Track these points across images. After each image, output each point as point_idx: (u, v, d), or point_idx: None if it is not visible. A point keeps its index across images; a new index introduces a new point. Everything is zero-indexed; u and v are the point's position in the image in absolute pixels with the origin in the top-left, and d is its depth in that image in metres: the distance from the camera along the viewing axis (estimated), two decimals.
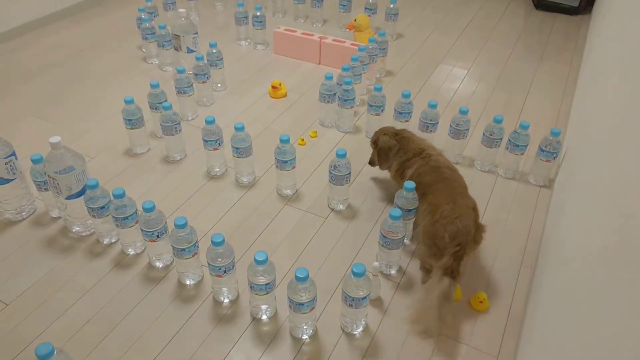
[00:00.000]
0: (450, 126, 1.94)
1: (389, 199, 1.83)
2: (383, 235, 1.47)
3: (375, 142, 1.81)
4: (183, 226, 1.38)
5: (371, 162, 1.87)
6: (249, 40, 2.88)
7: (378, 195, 1.85)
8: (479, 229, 1.44)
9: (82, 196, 1.55)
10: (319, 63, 2.68)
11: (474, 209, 1.47)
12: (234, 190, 1.86)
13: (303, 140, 2.11)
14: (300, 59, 2.71)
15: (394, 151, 1.74)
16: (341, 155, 1.65)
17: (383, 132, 1.80)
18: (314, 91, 2.40)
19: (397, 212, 1.43)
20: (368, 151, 2.04)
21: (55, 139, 1.49)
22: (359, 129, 2.20)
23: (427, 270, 1.50)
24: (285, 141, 1.71)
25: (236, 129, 1.76)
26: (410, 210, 1.56)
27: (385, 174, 1.88)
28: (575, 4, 3.29)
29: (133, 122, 1.93)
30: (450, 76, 2.61)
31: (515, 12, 3.37)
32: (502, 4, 3.48)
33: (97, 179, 1.50)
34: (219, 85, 2.43)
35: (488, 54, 2.82)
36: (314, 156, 2.04)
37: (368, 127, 2.14)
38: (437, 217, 1.42)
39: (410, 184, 1.54)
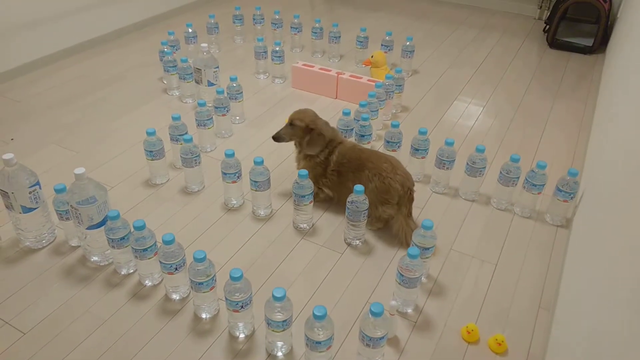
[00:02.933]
0: (467, 164, 1.95)
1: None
2: (400, 274, 1.47)
3: (307, 126, 1.87)
4: (202, 260, 1.39)
5: (278, 138, 1.91)
6: (267, 73, 2.94)
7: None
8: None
9: (103, 226, 1.57)
10: (336, 98, 2.73)
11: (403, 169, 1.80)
12: (251, 223, 1.87)
13: None
14: (317, 93, 2.76)
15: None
16: (359, 192, 1.67)
17: (311, 116, 1.90)
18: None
19: (415, 250, 1.43)
20: None
21: (79, 170, 1.52)
22: None
23: (385, 221, 1.80)
24: (303, 176, 1.73)
25: (255, 162, 1.79)
26: (428, 249, 1.56)
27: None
28: (590, 43, 3.33)
29: (154, 153, 1.96)
30: (465, 112, 2.63)
31: (530, 50, 3.41)
32: (517, 42, 3.53)
33: (117, 208, 1.52)
34: (237, 117, 2.48)
35: (503, 91, 2.85)
36: None
37: None
38: (383, 175, 1.73)
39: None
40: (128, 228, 1.56)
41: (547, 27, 3.65)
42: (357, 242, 1.79)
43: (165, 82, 2.79)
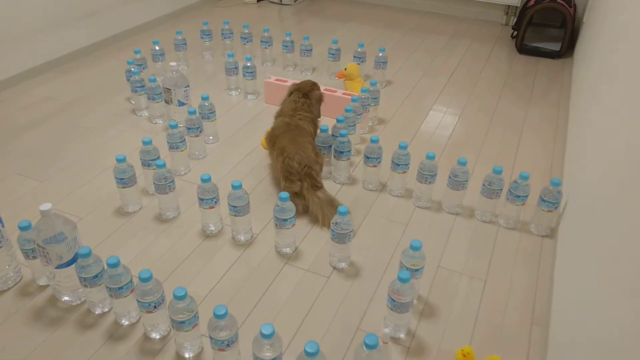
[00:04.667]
0: (450, 177, 1.92)
1: (392, 253, 1.79)
2: (392, 299, 1.42)
3: (307, 94, 2.18)
4: (182, 297, 1.31)
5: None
6: (239, 90, 2.87)
7: (380, 250, 1.80)
8: (317, 154, 1.96)
9: (74, 265, 1.47)
10: None
11: (311, 143, 1.99)
12: (231, 250, 1.80)
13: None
14: None
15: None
16: (343, 213, 1.61)
17: (310, 84, 2.21)
18: None
19: (406, 274, 1.38)
20: (367, 205, 2.00)
21: (45, 206, 1.42)
22: (356, 180, 2.17)
23: (295, 194, 1.90)
24: (284, 199, 1.67)
25: (233, 187, 1.72)
26: (417, 270, 1.51)
27: (388, 228, 1.83)
28: (557, 48, 3.38)
29: (125, 180, 1.87)
30: (442, 123, 2.61)
31: (499, 56, 3.43)
32: (486, 48, 3.56)
33: (88, 241, 1.43)
34: (211, 137, 2.40)
35: (477, 99, 2.85)
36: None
37: (365, 178, 2.11)
38: (284, 155, 1.90)
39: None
40: (101, 265, 1.47)
41: (515, 32, 3.69)
42: (343, 264, 1.73)
43: (133, 102, 2.68)
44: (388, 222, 1.94)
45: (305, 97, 2.17)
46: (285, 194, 1.67)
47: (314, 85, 2.22)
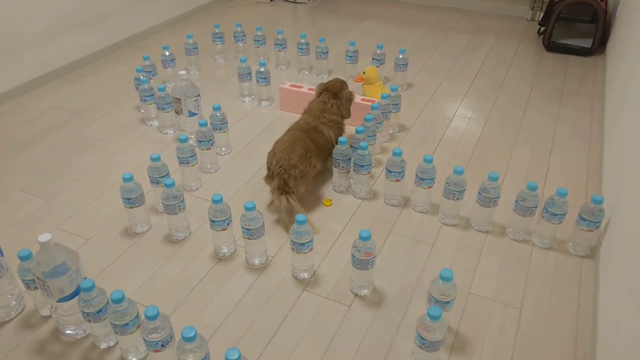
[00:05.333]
0: (480, 193, 1.78)
1: (418, 278, 1.65)
2: (421, 336, 1.29)
3: (336, 94, 2.12)
4: (192, 339, 1.19)
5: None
6: (253, 96, 2.74)
7: (404, 274, 1.67)
8: (304, 161, 1.86)
9: (76, 297, 1.37)
10: None
11: (307, 149, 1.90)
12: (245, 275, 1.68)
13: (329, 201, 1.98)
14: None
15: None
16: (365, 238, 1.48)
17: (340, 83, 2.16)
18: None
19: (437, 311, 1.25)
20: (389, 222, 1.87)
21: (44, 238, 1.32)
22: (377, 195, 2.03)
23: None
24: (301, 222, 1.54)
25: (246, 208, 1.60)
26: (448, 302, 1.38)
27: (410, 247, 1.70)
28: (588, 44, 3.19)
29: (132, 201, 1.76)
30: (466, 130, 2.46)
31: (526, 54, 3.26)
32: (511, 47, 3.38)
33: (94, 264, 1.34)
34: (223, 149, 2.28)
35: (504, 104, 2.69)
36: (330, 229, 1.86)
37: (387, 192, 1.98)
38: (272, 149, 1.90)
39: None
40: (105, 298, 1.36)
41: (542, 28, 3.51)
42: (365, 291, 1.60)
43: (142, 111, 2.58)
44: (413, 241, 1.80)
45: (335, 97, 2.11)
46: (302, 217, 1.54)
47: (343, 84, 2.16)
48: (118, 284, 1.63)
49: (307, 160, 1.89)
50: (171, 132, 2.44)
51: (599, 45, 3.21)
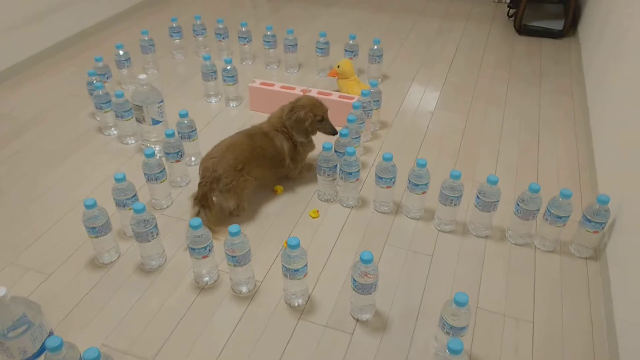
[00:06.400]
0: (478, 197, 1.66)
1: (421, 295, 1.53)
2: None
3: (290, 110, 1.86)
4: None
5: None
6: (219, 96, 2.54)
7: (406, 292, 1.55)
8: (231, 174, 1.70)
9: (41, 357, 1.18)
10: None
11: (238, 160, 1.73)
12: (232, 306, 1.51)
13: (316, 212, 1.83)
14: None
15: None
16: (367, 261, 1.34)
17: (305, 104, 1.85)
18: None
19: (459, 344, 1.12)
20: (383, 232, 1.73)
21: None
22: (366, 201, 1.89)
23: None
24: (294, 246, 1.38)
25: (231, 233, 1.42)
26: (463, 328, 1.26)
27: (414, 263, 1.58)
28: (560, 26, 3.13)
29: (97, 229, 1.55)
30: (450, 122, 2.35)
31: (498, 39, 3.17)
32: (483, 29, 3.29)
33: (59, 306, 1.16)
34: (192, 158, 2.08)
35: (484, 92, 2.59)
36: (319, 245, 1.71)
37: (377, 198, 1.84)
38: (204, 157, 1.78)
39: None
40: (77, 355, 1.17)
41: (510, 11, 3.43)
42: (367, 315, 1.47)
43: (98, 119, 2.33)
44: (411, 253, 1.68)
45: (288, 114, 1.85)
46: (294, 241, 1.38)
47: (304, 107, 1.84)
48: (87, 328, 1.43)
49: (237, 173, 1.72)
50: (133, 141, 2.21)
51: (571, 26, 3.16)
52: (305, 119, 1.83)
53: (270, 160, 1.83)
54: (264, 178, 1.85)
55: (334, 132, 1.89)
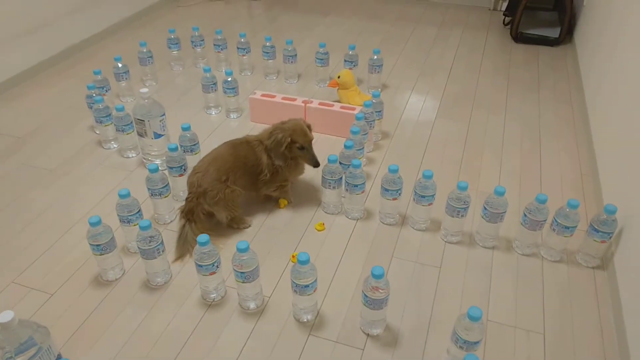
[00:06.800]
0: (485, 208, 1.66)
1: (431, 308, 1.52)
2: None
3: (271, 133, 1.79)
4: None
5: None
6: (219, 107, 2.52)
7: (416, 304, 1.54)
8: (217, 186, 1.69)
9: None
10: None
11: (221, 173, 1.70)
12: (240, 322, 1.49)
13: (322, 225, 1.81)
14: None
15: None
16: (379, 276, 1.33)
17: (287, 128, 1.78)
18: (308, 168, 2.04)
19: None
20: (389, 244, 1.72)
21: (6, 317, 1.09)
22: (371, 213, 1.89)
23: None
24: (304, 262, 1.37)
25: (239, 249, 1.41)
26: (477, 342, 1.25)
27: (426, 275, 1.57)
28: (556, 34, 3.15)
29: (102, 247, 1.53)
30: (452, 132, 2.35)
31: (495, 47, 3.19)
32: (480, 37, 3.30)
33: (64, 326, 1.15)
34: None
35: (484, 101, 2.60)
36: (326, 258, 1.70)
37: (383, 210, 1.83)
38: (191, 172, 1.77)
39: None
40: None
41: (507, 19, 3.45)
42: (377, 330, 1.46)
43: (98, 132, 2.31)
44: (418, 265, 1.67)
45: (269, 134, 1.79)
46: (304, 256, 1.37)
47: (284, 130, 1.76)
48: (93, 350, 1.41)
49: (222, 184, 1.70)
50: (133, 154, 2.19)
51: (567, 34, 3.18)
52: (282, 142, 1.74)
53: (251, 169, 1.78)
54: (250, 188, 1.81)
55: (315, 164, 1.80)
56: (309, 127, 1.82)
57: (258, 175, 1.80)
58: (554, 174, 2.06)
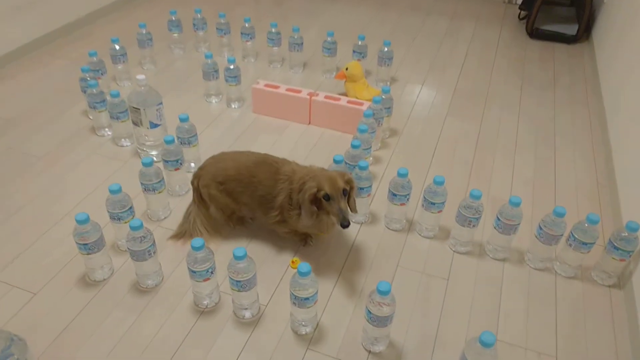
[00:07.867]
0: (498, 219, 1.56)
1: (437, 323, 1.43)
2: None
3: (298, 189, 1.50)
4: None
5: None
6: (220, 96, 2.41)
7: (421, 319, 1.45)
8: (213, 187, 1.60)
9: None
10: (309, 124, 2.25)
11: (225, 179, 1.60)
12: (234, 332, 1.40)
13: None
14: (285, 119, 2.27)
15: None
16: (384, 292, 1.24)
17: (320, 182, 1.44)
18: (309, 161, 1.92)
19: None
20: (395, 251, 1.63)
21: None
22: (376, 217, 1.79)
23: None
24: (305, 274, 1.27)
25: (236, 257, 1.31)
26: None
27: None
28: (573, 31, 3.03)
29: (89, 246, 1.43)
30: (463, 131, 2.24)
31: (509, 42, 3.06)
32: (493, 32, 3.17)
33: (46, 331, 1.04)
34: (192, 164, 1.96)
35: (497, 99, 2.48)
36: (328, 265, 1.61)
37: (389, 215, 1.73)
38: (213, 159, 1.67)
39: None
40: None
41: (522, 13, 3.32)
42: (380, 347, 1.37)
43: (91, 117, 2.20)
44: (425, 276, 1.58)
45: (298, 189, 1.50)
46: (305, 267, 1.27)
47: (313, 179, 1.46)
48: (76, 356, 1.32)
49: (216, 184, 1.60)
50: (128, 143, 2.09)
51: (585, 31, 3.05)
52: (306, 191, 1.45)
53: (259, 199, 1.57)
54: (254, 210, 1.64)
55: (342, 221, 1.41)
56: (348, 181, 1.48)
57: (266, 205, 1.58)
58: (569, 183, 1.96)
